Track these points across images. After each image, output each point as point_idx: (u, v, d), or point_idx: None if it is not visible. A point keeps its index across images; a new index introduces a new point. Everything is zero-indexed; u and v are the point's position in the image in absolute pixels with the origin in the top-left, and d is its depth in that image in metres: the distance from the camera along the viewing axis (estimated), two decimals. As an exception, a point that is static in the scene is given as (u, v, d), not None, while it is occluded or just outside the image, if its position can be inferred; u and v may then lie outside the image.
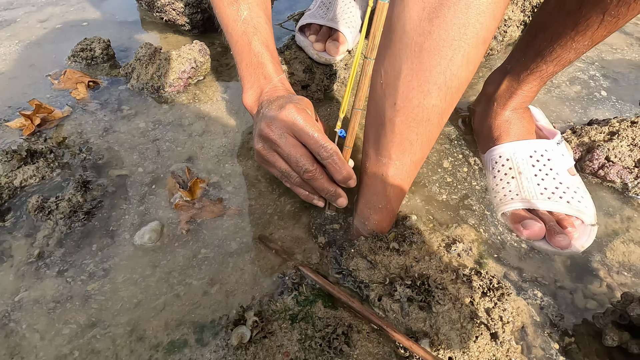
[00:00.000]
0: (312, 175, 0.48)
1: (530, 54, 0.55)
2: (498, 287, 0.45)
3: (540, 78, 0.56)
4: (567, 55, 0.51)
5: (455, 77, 0.39)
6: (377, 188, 0.49)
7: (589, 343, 0.44)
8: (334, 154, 0.47)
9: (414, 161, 0.47)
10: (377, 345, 0.41)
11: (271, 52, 0.57)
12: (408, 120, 0.42)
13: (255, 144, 0.51)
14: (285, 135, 0.48)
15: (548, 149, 0.58)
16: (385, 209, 0.50)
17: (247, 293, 0.47)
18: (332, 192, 0.50)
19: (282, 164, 0.50)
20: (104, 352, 0.42)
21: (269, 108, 0.50)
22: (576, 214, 0.53)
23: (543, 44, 0.52)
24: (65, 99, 0.74)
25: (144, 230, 0.51)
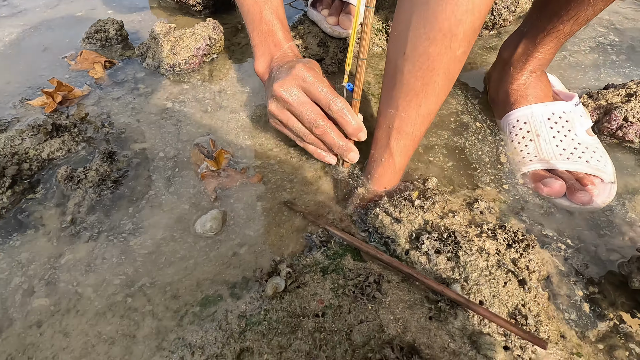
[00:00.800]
0: (323, 129, 0.50)
1: (546, 14, 0.55)
2: (523, 239, 0.46)
3: (557, 38, 0.56)
4: (585, 13, 0.51)
5: (460, 22, 0.39)
6: (382, 141, 0.51)
7: (612, 291, 0.45)
8: (344, 107, 0.49)
9: (419, 114, 0.47)
10: (407, 293, 0.42)
11: (281, 20, 0.59)
12: (414, 69, 0.43)
13: (269, 105, 0.53)
14: (296, 94, 0.50)
15: (566, 111, 0.58)
16: (387, 162, 0.51)
17: (275, 253, 0.48)
18: (344, 147, 0.51)
19: (295, 122, 0.52)
20: (140, 309, 0.43)
21: (279, 71, 0.53)
22: (595, 172, 0.54)
23: (560, 3, 0.52)
24: (84, 79, 0.75)
25: (204, 218, 0.50)
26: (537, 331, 0.38)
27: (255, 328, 0.39)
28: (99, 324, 0.42)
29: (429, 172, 0.58)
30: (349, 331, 0.38)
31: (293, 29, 0.79)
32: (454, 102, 0.70)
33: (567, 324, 0.41)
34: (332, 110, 0.49)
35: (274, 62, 0.57)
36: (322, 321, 0.39)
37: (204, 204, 0.54)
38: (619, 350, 0.40)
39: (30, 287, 0.45)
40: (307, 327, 0.39)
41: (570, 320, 0.42)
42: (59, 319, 0.42)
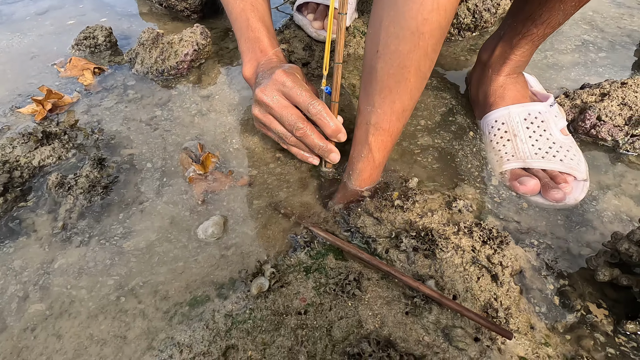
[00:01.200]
0: (303, 132, 0.53)
1: (521, 18, 0.57)
2: (497, 236, 0.48)
3: (532, 42, 0.59)
4: (556, 18, 0.54)
5: (426, 21, 0.41)
6: (361, 137, 0.52)
7: (582, 284, 0.47)
8: (322, 110, 0.52)
9: (394, 110, 0.49)
10: (386, 289, 0.44)
11: (267, 27, 0.61)
12: (387, 67, 0.45)
13: (253, 109, 0.56)
14: (276, 98, 0.53)
15: (541, 111, 0.60)
16: (367, 158, 0.53)
17: (261, 253, 0.50)
18: (324, 147, 0.54)
19: (277, 125, 0.55)
20: (131, 310, 0.45)
21: (262, 76, 0.56)
22: (568, 170, 0.56)
23: (533, 7, 0.54)
24: (74, 85, 0.76)
25: (206, 224, 0.52)
26: (506, 323, 0.41)
27: (240, 326, 0.41)
28: (91, 326, 0.44)
29: (410, 172, 0.60)
30: (330, 327, 0.40)
31: (279, 33, 0.81)
32: (436, 102, 0.72)
33: (537, 316, 0.44)
34: (311, 112, 0.52)
35: (260, 67, 0.59)
36: (304, 318, 0.41)
37: (192, 207, 0.56)
38: (585, 339, 0.42)
39: (24, 294, 0.47)
40: (290, 324, 0.41)
41: (541, 312, 0.44)
42: (52, 322, 0.44)
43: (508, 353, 0.39)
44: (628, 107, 0.64)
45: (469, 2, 0.86)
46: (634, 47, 0.86)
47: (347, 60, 0.82)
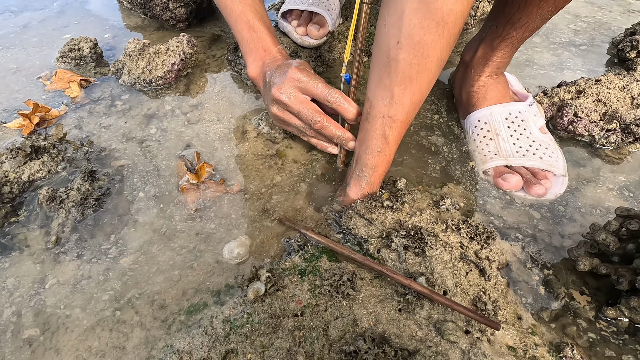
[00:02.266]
0: (322, 124, 0.55)
1: (501, 21, 0.59)
2: (484, 231, 0.50)
3: (511, 44, 0.61)
4: (534, 21, 0.56)
5: (451, 12, 0.42)
6: (376, 132, 0.52)
7: (565, 275, 0.50)
8: (340, 97, 0.53)
9: (413, 101, 0.49)
10: (379, 288, 0.45)
11: (267, 27, 0.63)
12: (410, 57, 0.45)
13: (271, 109, 0.58)
14: (293, 95, 0.55)
15: (521, 111, 0.63)
16: (383, 153, 0.53)
17: (257, 258, 0.51)
18: (342, 137, 0.56)
19: (296, 121, 0.57)
20: (129, 321, 0.46)
21: (273, 76, 0.57)
22: (548, 167, 0.59)
23: (512, 11, 0.57)
24: (61, 98, 0.76)
25: (232, 245, 0.52)
26: (495, 315, 0.42)
27: (239, 330, 0.42)
28: (89, 339, 0.44)
29: (398, 173, 0.62)
30: (326, 327, 0.41)
31: (265, 41, 0.82)
32: (424, 104, 0.74)
33: (523, 307, 0.46)
34: (330, 101, 0.54)
35: (266, 66, 0.61)
36: (301, 320, 0.42)
37: (186, 216, 0.56)
38: (569, 327, 0.44)
39: (18, 314, 0.47)
40: (287, 326, 0.42)
41: (527, 303, 0.46)
42: (49, 337, 0.44)
43: (497, 343, 0.41)
44: (602, 103, 0.67)
45: (449, 6, 0.88)
46: (606, 44, 0.90)
47: (337, 65, 0.83)
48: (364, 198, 0.54)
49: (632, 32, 0.86)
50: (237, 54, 0.81)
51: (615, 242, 0.44)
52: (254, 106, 0.75)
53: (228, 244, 0.53)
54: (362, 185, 0.55)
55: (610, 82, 0.68)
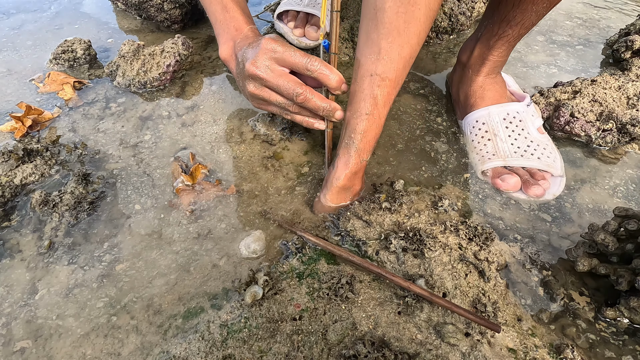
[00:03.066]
0: (304, 96, 0.50)
1: (496, 20, 0.59)
2: (482, 232, 0.50)
3: (507, 42, 0.61)
4: (530, 18, 0.56)
5: None
6: (364, 92, 0.48)
7: (564, 275, 0.49)
8: (320, 65, 0.49)
9: (402, 56, 0.46)
10: (378, 291, 0.45)
11: (242, 7, 0.60)
12: (396, 5, 0.43)
13: (247, 88, 0.53)
14: (269, 68, 0.50)
15: (519, 111, 0.63)
16: (372, 115, 0.49)
17: (254, 262, 0.50)
18: (328, 108, 0.51)
19: (276, 97, 0.52)
20: (124, 326, 0.45)
21: (246, 52, 0.52)
22: (546, 168, 0.59)
23: (507, 9, 0.57)
24: (54, 100, 0.75)
25: (248, 241, 0.51)
26: (494, 317, 0.42)
27: (236, 335, 0.42)
28: (84, 345, 0.43)
29: (396, 175, 0.61)
30: (325, 331, 0.41)
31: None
32: (417, 104, 0.74)
33: (523, 308, 0.45)
34: (311, 70, 0.49)
35: (237, 46, 0.56)
36: (299, 324, 0.42)
37: (181, 218, 0.56)
38: (569, 328, 0.44)
39: (9, 322, 0.46)
40: (286, 331, 0.41)
41: (526, 304, 0.46)
42: (42, 344, 0.43)
43: (497, 345, 0.40)
44: (598, 103, 0.67)
45: (445, 6, 0.88)
46: (601, 45, 0.90)
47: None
48: (353, 171, 0.51)
49: (626, 33, 0.86)
50: (233, 55, 0.80)
51: (614, 242, 0.44)
52: (250, 108, 0.74)
53: (244, 240, 0.52)
54: (351, 153, 0.51)
55: (606, 82, 0.69)
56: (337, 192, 0.53)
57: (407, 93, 0.77)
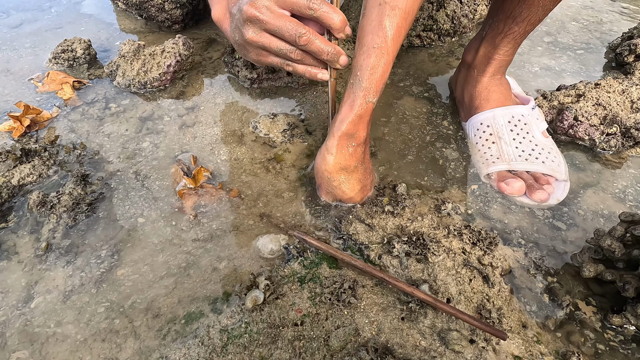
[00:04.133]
0: (307, 37, 0.46)
1: (501, 17, 0.58)
2: (486, 237, 0.49)
3: (514, 40, 0.60)
4: (536, 14, 0.55)
5: None
6: (372, 23, 0.46)
7: (569, 281, 0.49)
8: (322, 4, 0.45)
9: None
10: (381, 296, 0.44)
11: None
12: None
13: (245, 35, 0.48)
14: (269, 9, 0.46)
15: (524, 114, 0.62)
16: (380, 49, 0.46)
17: (254, 265, 0.49)
18: (332, 52, 0.47)
19: (277, 42, 0.48)
20: (122, 330, 0.44)
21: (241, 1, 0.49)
22: (550, 172, 0.58)
23: (512, 5, 0.56)
24: (53, 100, 0.74)
25: (266, 240, 0.50)
26: (499, 323, 0.41)
27: (236, 341, 0.41)
28: (80, 350, 0.42)
29: (398, 178, 0.61)
30: (327, 337, 0.40)
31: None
32: (419, 107, 0.74)
33: (528, 315, 0.45)
34: (313, 8, 0.45)
35: (231, 3, 0.53)
36: (301, 329, 0.41)
37: (183, 221, 0.55)
38: (574, 335, 0.43)
39: (4, 325, 0.45)
40: (287, 337, 0.40)
41: (531, 311, 0.45)
42: (38, 348, 0.42)
43: (503, 353, 0.40)
44: (602, 107, 0.66)
45: (447, 9, 0.88)
46: (604, 48, 0.90)
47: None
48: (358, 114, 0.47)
49: (629, 36, 0.86)
50: (234, 56, 0.80)
51: (621, 247, 0.43)
52: (252, 109, 0.74)
53: (262, 239, 0.51)
54: (356, 93, 0.47)
55: (610, 85, 0.68)
56: (340, 140, 0.49)
57: (411, 96, 0.77)
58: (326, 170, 0.51)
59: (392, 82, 0.80)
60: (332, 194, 0.55)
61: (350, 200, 0.54)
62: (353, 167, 0.52)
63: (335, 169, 0.51)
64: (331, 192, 0.54)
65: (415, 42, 0.89)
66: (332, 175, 0.52)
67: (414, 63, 0.85)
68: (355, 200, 0.55)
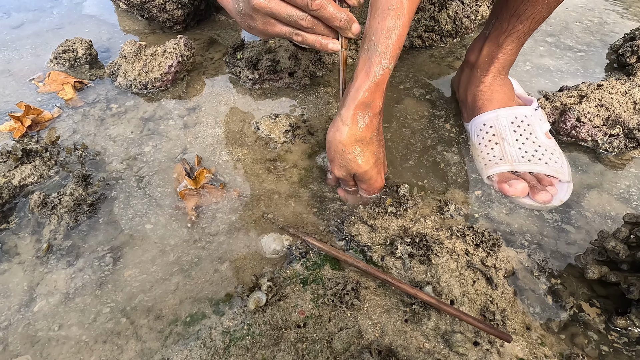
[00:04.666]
0: (320, 1, 0.44)
1: (505, 15, 0.58)
2: (489, 238, 0.49)
3: (518, 39, 0.60)
4: (541, 12, 0.55)
5: None
6: None
7: (572, 283, 0.48)
8: None
9: None
10: (384, 297, 0.44)
11: None
12: None
13: (252, 1, 0.45)
14: None
15: (527, 115, 0.62)
16: (396, 10, 0.44)
17: (256, 267, 0.49)
18: (345, 18, 0.45)
19: (287, 9, 0.45)
20: (124, 332, 0.44)
21: None
22: (553, 173, 0.58)
23: (516, 3, 0.56)
24: (54, 101, 0.74)
25: (269, 239, 0.50)
26: (503, 325, 0.41)
27: (239, 343, 0.40)
28: (82, 351, 0.42)
29: (401, 179, 0.61)
30: (330, 339, 0.40)
31: (264, 43, 0.81)
32: (421, 108, 0.73)
33: (532, 316, 0.44)
34: None
35: None
36: (304, 331, 0.41)
37: (185, 222, 0.55)
38: (578, 337, 0.43)
39: (6, 328, 0.45)
40: (290, 338, 0.40)
41: (535, 313, 0.45)
42: (40, 350, 0.42)
43: (507, 355, 0.39)
44: (605, 108, 0.66)
45: (449, 10, 0.88)
46: (606, 50, 0.90)
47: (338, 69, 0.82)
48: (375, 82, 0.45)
49: (631, 38, 0.86)
50: (236, 57, 0.80)
51: (625, 249, 0.43)
52: (253, 110, 0.73)
53: (265, 238, 0.51)
54: (372, 59, 0.45)
55: (612, 87, 0.68)
56: (355, 109, 0.47)
57: (412, 98, 0.76)
58: (340, 142, 0.49)
59: (392, 84, 0.80)
60: (345, 168, 0.51)
61: (365, 174, 0.51)
62: (368, 139, 0.49)
63: (350, 141, 0.48)
64: (345, 165, 0.51)
65: (417, 43, 0.88)
66: (346, 148, 0.49)
67: (415, 64, 0.85)
68: (370, 175, 0.51)
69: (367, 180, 0.53)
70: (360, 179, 0.53)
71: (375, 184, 0.54)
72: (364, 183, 0.54)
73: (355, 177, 0.53)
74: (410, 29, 0.86)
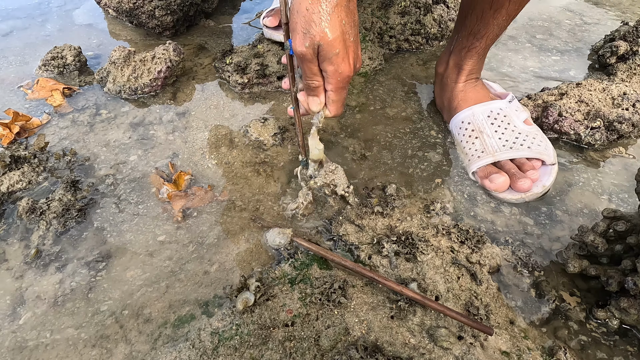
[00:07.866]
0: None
1: (464, 33, 0.63)
2: (474, 235, 0.50)
3: (477, 54, 0.64)
4: (493, 31, 0.60)
5: None
6: None
7: (555, 277, 0.50)
8: None
9: None
10: (371, 295, 0.44)
11: None
12: None
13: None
14: None
15: (502, 107, 0.64)
16: None
17: (245, 268, 0.50)
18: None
19: None
20: (113, 336, 0.44)
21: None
22: (537, 155, 0.59)
23: (472, 23, 0.60)
24: (43, 107, 0.74)
25: (273, 234, 0.51)
26: (487, 320, 0.42)
27: (227, 343, 0.41)
28: (70, 356, 0.42)
29: (388, 179, 0.62)
30: (317, 337, 0.41)
31: (253, 48, 0.82)
32: (409, 109, 0.75)
33: (515, 311, 0.45)
34: None
35: None
36: (292, 330, 0.41)
37: (171, 224, 0.55)
38: (561, 330, 0.44)
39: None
40: (278, 337, 0.41)
41: (518, 307, 0.46)
42: (28, 355, 0.42)
43: (491, 349, 0.40)
44: (585, 103, 0.68)
45: (435, 13, 0.89)
46: (587, 51, 0.92)
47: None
48: None
49: (611, 39, 0.88)
50: (224, 62, 0.81)
51: (604, 243, 0.44)
52: (242, 113, 0.74)
53: (269, 233, 0.51)
54: None
55: (591, 85, 0.70)
56: None
57: (395, 98, 0.78)
58: None
59: (381, 86, 0.81)
60: (309, 35, 0.42)
61: (331, 47, 0.42)
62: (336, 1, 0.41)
63: None
64: (308, 31, 0.42)
65: (404, 46, 0.90)
66: (311, 6, 0.41)
67: (402, 67, 0.86)
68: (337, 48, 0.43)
69: (333, 60, 0.43)
70: (325, 56, 0.43)
71: (343, 67, 0.45)
72: (330, 65, 0.44)
73: (320, 57, 0.44)
74: (397, 32, 0.88)
